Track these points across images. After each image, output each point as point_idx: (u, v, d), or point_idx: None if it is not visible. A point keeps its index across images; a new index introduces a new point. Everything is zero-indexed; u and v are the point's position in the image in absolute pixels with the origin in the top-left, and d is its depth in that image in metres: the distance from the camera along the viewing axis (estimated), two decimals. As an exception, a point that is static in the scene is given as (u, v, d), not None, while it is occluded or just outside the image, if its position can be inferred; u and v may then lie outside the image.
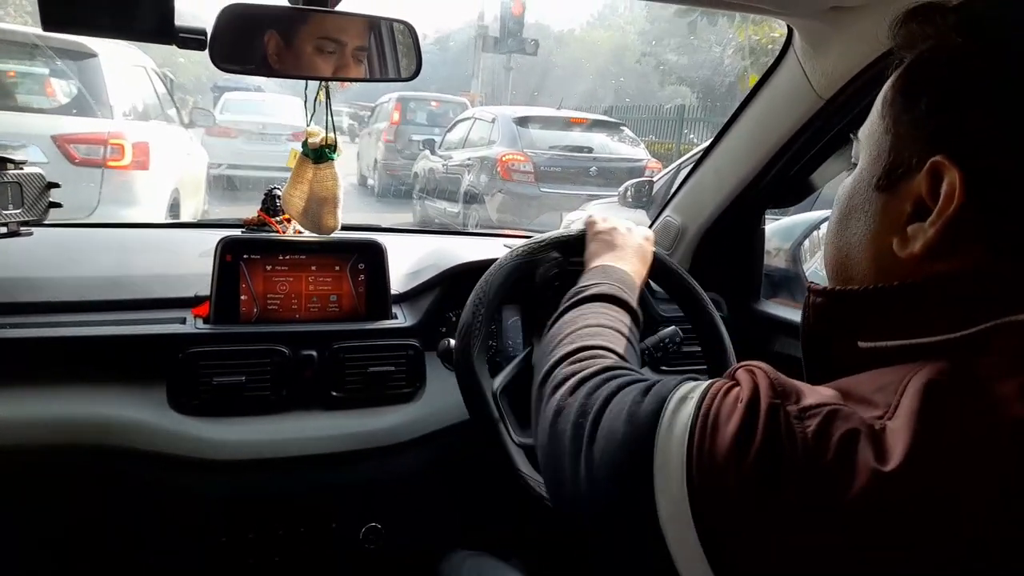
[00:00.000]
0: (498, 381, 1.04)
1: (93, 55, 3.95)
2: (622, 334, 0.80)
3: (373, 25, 1.08)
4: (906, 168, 0.52)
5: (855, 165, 0.59)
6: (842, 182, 0.61)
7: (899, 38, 0.55)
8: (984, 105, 0.48)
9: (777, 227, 1.76)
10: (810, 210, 2.23)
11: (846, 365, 0.54)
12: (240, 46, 0.99)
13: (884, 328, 0.52)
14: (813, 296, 0.58)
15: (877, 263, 0.55)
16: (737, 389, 0.51)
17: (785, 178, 1.37)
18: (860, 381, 0.51)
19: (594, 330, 0.79)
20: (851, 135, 0.62)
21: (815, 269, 1.78)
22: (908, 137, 0.52)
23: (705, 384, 0.55)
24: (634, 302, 0.89)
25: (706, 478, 0.47)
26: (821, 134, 1.24)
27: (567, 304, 0.88)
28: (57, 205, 1.17)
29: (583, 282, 0.92)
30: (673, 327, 1.28)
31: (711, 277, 1.37)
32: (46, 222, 1.18)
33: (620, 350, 0.76)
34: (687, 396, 0.53)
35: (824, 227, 1.79)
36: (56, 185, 1.16)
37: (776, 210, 1.58)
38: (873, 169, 0.56)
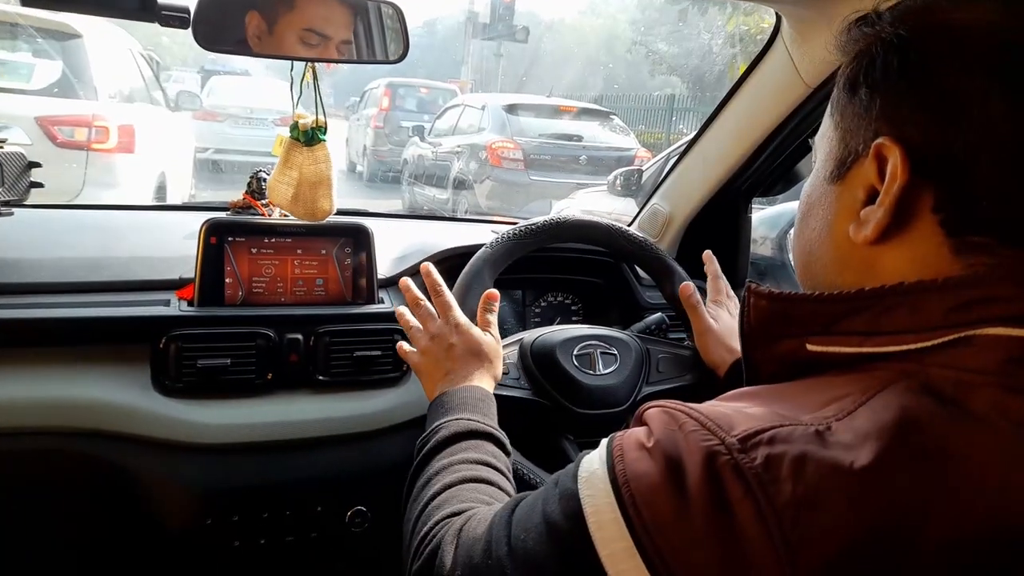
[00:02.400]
0: None
1: (77, 36, 3.90)
2: (494, 478, 0.74)
3: (360, 9, 1.07)
4: (855, 156, 0.53)
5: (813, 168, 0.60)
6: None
7: (843, 45, 0.56)
8: (918, 85, 0.49)
9: (764, 216, 1.77)
10: (797, 199, 2.24)
11: (788, 368, 0.54)
12: (222, 25, 0.98)
13: (836, 332, 0.51)
14: (755, 298, 0.56)
15: (837, 252, 0.55)
16: (639, 438, 0.50)
17: (772, 167, 1.37)
18: (804, 388, 0.50)
19: (456, 490, 0.71)
20: (808, 141, 0.62)
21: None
22: (854, 127, 0.53)
23: (603, 448, 0.52)
24: (497, 429, 0.83)
25: (666, 550, 0.44)
26: (808, 122, 1.24)
27: (426, 451, 0.80)
28: (39, 185, 1.16)
29: (435, 419, 0.84)
30: (659, 314, 1.29)
31: (698, 265, 1.38)
32: (28, 203, 1.17)
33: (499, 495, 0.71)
34: (593, 473, 0.51)
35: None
36: (37, 165, 1.15)
37: (763, 199, 1.59)
38: (826, 165, 0.57)
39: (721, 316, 1.13)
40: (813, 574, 0.41)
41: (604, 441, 0.54)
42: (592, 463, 0.52)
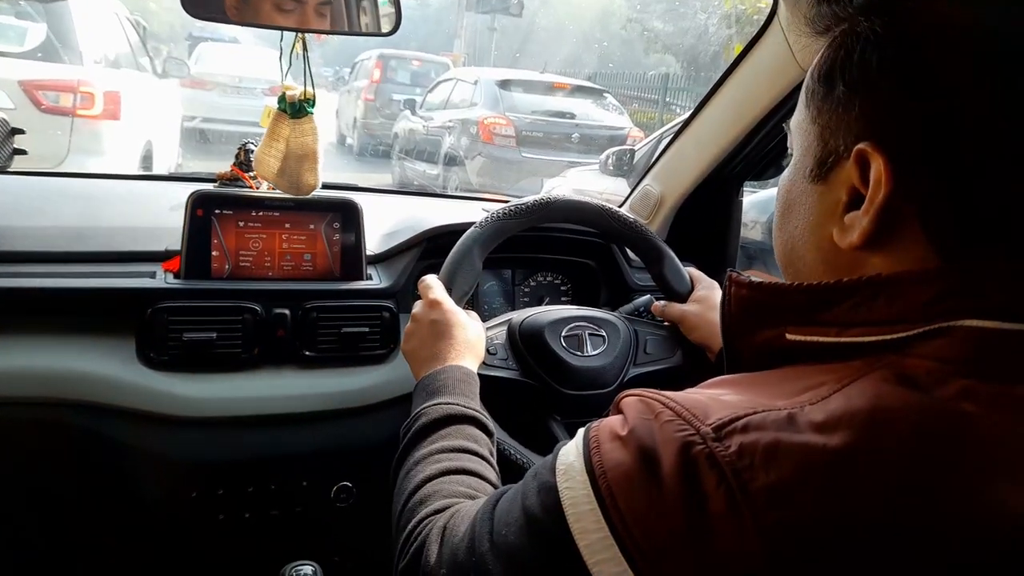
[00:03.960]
0: None
1: (62, -2, 3.82)
2: (477, 467, 0.74)
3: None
4: (836, 157, 0.52)
5: (791, 156, 0.59)
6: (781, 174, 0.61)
7: (816, 23, 0.55)
8: (899, 89, 0.48)
9: (754, 200, 1.77)
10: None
11: (767, 356, 0.54)
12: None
13: (815, 323, 0.51)
14: (736, 287, 0.56)
15: (821, 254, 0.55)
16: (614, 428, 0.50)
17: (765, 151, 1.37)
18: (782, 376, 0.51)
19: (438, 483, 0.71)
20: (784, 126, 0.61)
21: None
22: (832, 126, 0.52)
23: (580, 439, 0.53)
24: (480, 411, 0.83)
25: (642, 540, 0.45)
26: (802, 107, 1.23)
27: (409, 438, 0.80)
28: (22, 152, 1.14)
29: (418, 404, 0.84)
30: (648, 295, 1.29)
31: (688, 247, 1.38)
32: (11, 170, 1.15)
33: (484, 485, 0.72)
34: (570, 465, 0.51)
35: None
36: (20, 131, 1.13)
37: (754, 183, 1.58)
38: (805, 161, 0.56)
39: (707, 296, 1.13)
40: (787, 560, 0.41)
41: (580, 431, 0.54)
42: (569, 455, 0.53)
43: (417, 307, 0.97)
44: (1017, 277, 0.46)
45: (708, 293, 1.14)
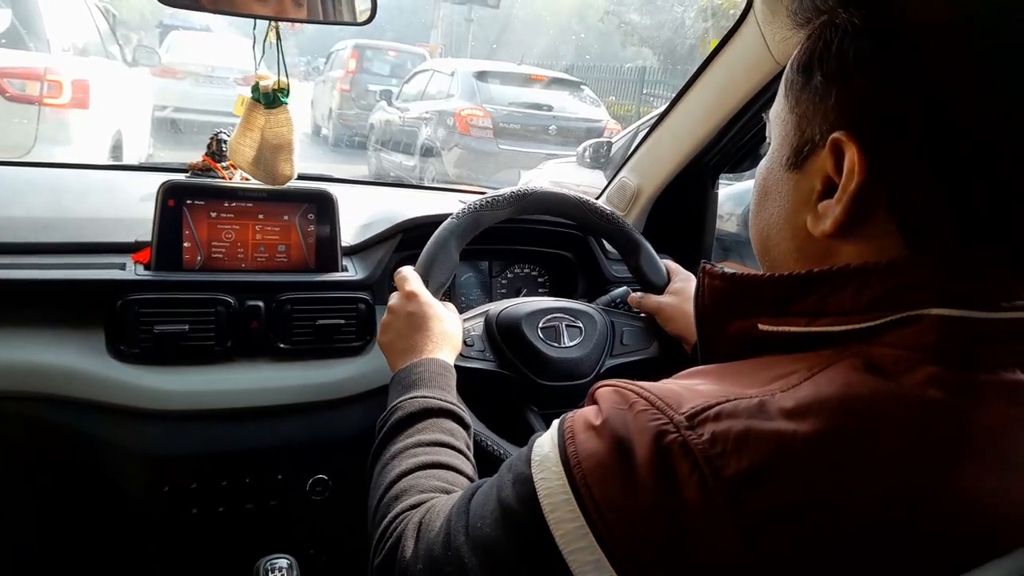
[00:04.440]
0: None
1: (27, -17, 3.72)
2: (453, 461, 0.74)
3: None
4: (812, 145, 0.52)
5: (768, 146, 0.60)
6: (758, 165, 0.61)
7: (797, 15, 0.55)
8: (874, 81, 0.48)
9: (730, 192, 1.79)
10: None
11: (740, 347, 0.55)
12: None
13: (786, 313, 0.52)
14: (709, 279, 0.57)
15: (795, 242, 0.55)
16: (589, 419, 0.51)
17: (740, 143, 1.38)
18: (754, 366, 0.51)
19: (413, 478, 0.71)
20: (763, 115, 0.62)
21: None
22: (809, 115, 0.52)
23: (554, 430, 0.54)
24: (457, 404, 0.83)
25: (617, 528, 0.46)
26: (777, 100, 1.24)
27: (385, 432, 0.80)
28: (-14, 141, 1.11)
29: (394, 397, 0.84)
30: (625, 287, 1.29)
31: (664, 239, 1.38)
32: (-26, 159, 1.12)
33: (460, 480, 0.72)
34: (545, 456, 0.52)
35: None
36: (-16, 119, 1.10)
37: (730, 175, 1.60)
38: (782, 150, 0.56)
39: (683, 288, 1.15)
40: (761, 545, 0.42)
41: (555, 423, 0.55)
42: (543, 446, 0.53)
43: (393, 299, 0.97)
44: (981, 265, 0.47)
45: (684, 285, 1.15)
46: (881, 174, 0.48)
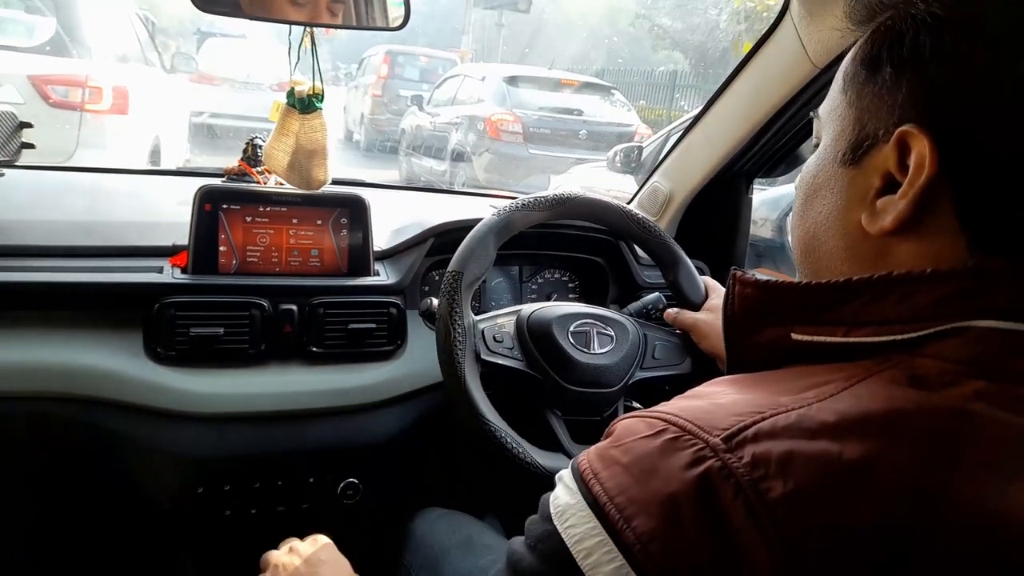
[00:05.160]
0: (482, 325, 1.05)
1: (71, -7, 3.82)
2: None
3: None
4: (872, 140, 0.50)
5: (817, 145, 0.58)
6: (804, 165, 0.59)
7: (856, 12, 0.53)
8: (953, 72, 0.46)
9: (764, 197, 1.76)
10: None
11: (772, 357, 0.53)
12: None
13: (823, 322, 0.50)
14: (740, 286, 0.55)
15: (846, 240, 0.53)
16: (610, 455, 0.48)
17: (776, 148, 1.36)
18: (786, 375, 0.50)
19: None
20: (811, 114, 0.60)
21: (800, 240, 1.79)
22: (873, 109, 0.51)
23: (567, 480, 0.50)
24: None
25: (662, 561, 0.43)
26: (814, 103, 1.22)
27: None
28: (30, 146, 1.14)
29: None
30: (657, 294, 1.28)
31: (696, 244, 1.37)
32: (19, 163, 1.15)
33: None
34: (567, 505, 0.48)
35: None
36: (28, 125, 1.13)
37: (764, 180, 1.57)
38: (837, 145, 0.54)
39: (719, 306, 1.13)
40: (811, 570, 0.40)
41: (564, 474, 0.52)
42: (560, 497, 0.50)
43: (274, 556, 0.90)
44: None
45: (721, 302, 1.13)
46: (950, 170, 0.46)
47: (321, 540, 0.90)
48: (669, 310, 1.18)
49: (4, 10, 3.93)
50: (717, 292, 1.17)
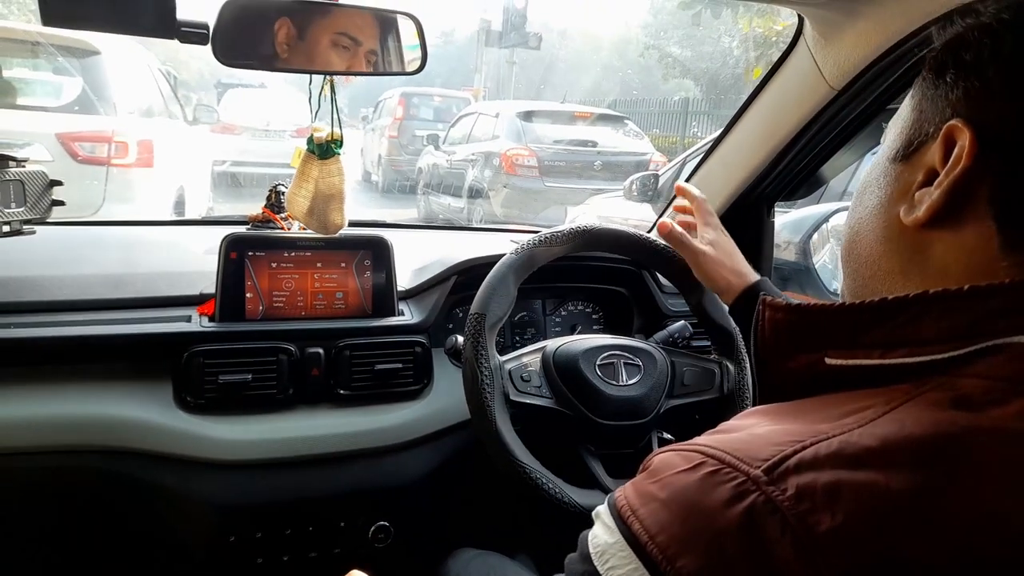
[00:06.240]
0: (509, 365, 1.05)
1: (96, 52, 3.95)
2: None
3: (382, 20, 1.07)
4: (924, 138, 0.51)
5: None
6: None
7: (940, 28, 0.54)
8: (1007, 72, 0.47)
9: (787, 220, 1.75)
10: (818, 203, 2.21)
11: (804, 384, 0.51)
12: (243, 39, 0.97)
13: (857, 345, 0.48)
14: (771, 311, 0.54)
15: (885, 233, 0.53)
16: (649, 491, 0.47)
17: (795, 171, 1.35)
18: (823, 403, 0.48)
19: None
20: (883, 125, 0.60)
21: (824, 262, 1.76)
22: (931, 111, 0.51)
23: (605, 517, 0.49)
24: None
25: None
26: (833, 125, 1.22)
27: None
28: (60, 203, 1.16)
29: None
30: (682, 322, 1.27)
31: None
32: (49, 220, 1.17)
33: None
34: (607, 544, 0.47)
35: (833, 220, 1.78)
36: (59, 183, 1.15)
37: (785, 203, 1.56)
38: (894, 144, 0.54)
39: (718, 239, 1.10)
40: None
41: (601, 510, 0.50)
42: (599, 536, 0.49)
43: None
44: None
45: (717, 235, 1.11)
46: (990, 164, 0.46)
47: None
48: (663, 220, 1.13)
49: (33, 72, 4.07)
50: (711, 226, 1.12)
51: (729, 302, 1.06)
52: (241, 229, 1.22)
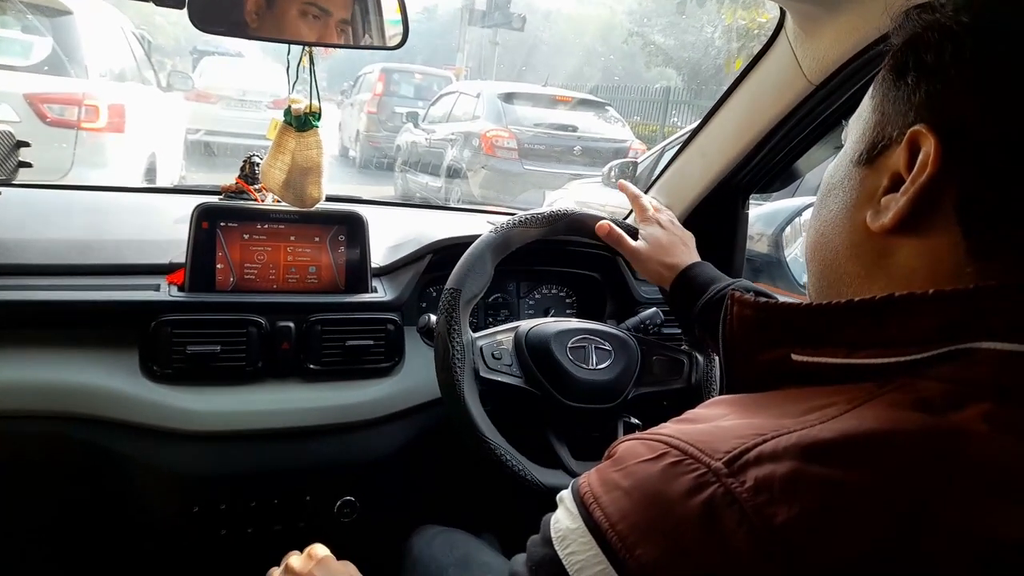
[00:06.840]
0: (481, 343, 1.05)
1: (68, 12, 3.84)
2: None
3: (361, -10, 1.05)
4: (887, 142, 0.51)
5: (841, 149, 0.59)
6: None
7: (896, 31, 0.54)
8: (969, 75, 0.47)
9: (760, 212, 1.77)
10: (793, 196, 2.24)
11: (770, 378, 0.52)
12: (217, 4, 0.95)
13: (824, 343, 0.49)
14: (738, 307, 0.54)
15: (851, 238, 0.54)
16: (612, 479, 0.47)
17: (771, 163, 1.36)
18: (787, 397, 0.49)
19: None
20: (843, 121, 0.61)
21: (796, 255, 1.79)
22: (893, 113, 0.51)
23: (568, 502, 0.49)
24: None
25: None
26: (809, 120, 1.23)
27: None
28: (27, 165, 1.14)
29: None
30: (654, 309, 1.28)
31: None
32: (16, 182, 1.15)
33: None
34: (568, 529, 0.47)
35: (806, 214, 1.80)
36: (26, 144, 1.13)
37: (759, 195, 1.58)
38: (856, 147, 0.55)
39: (652, 234, 1.16)
40: None
41: (564, 495, 0.51)
42: (561, 521, 0.49)
43: (295, 560, 0.89)
44: None
45: (651, 231, 1.17)
46: (955, 171, 0.46)
47: (320, 549, 0.89)
48: (603, 222, 1.16)
49: (1, 30, 3.94)
50: (647, 220, 1.19)
51: (667, 286, 1.10)
52: (213, 199, 1.20)
